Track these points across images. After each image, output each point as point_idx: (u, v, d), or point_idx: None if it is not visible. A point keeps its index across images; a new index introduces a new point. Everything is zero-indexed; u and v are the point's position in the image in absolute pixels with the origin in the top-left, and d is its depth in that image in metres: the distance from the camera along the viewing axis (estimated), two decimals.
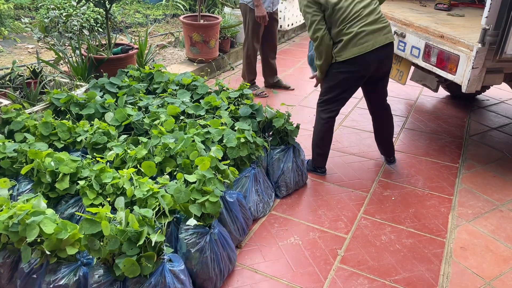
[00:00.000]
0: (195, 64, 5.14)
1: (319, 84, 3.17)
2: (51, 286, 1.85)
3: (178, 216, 2.22)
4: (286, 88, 4.96)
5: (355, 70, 2.88)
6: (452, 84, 3.49)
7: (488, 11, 2.71)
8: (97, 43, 4.17)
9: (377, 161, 3.53)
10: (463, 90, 2.94)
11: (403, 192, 3.14)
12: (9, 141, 2.58)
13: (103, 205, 2.20)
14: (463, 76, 2.94)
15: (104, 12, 4.02)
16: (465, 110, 4.61)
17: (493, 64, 2.89)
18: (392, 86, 5.12)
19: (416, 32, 3.35)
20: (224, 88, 3.50)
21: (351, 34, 2.79)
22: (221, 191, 2.24)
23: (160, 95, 3.41)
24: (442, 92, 4.95)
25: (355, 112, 4.43)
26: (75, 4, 5.14)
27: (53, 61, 4.11)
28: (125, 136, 2.82)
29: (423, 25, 3.37)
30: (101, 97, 3.28)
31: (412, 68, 3.79)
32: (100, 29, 5.64)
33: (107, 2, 3.91)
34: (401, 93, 4.99)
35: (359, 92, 3.23)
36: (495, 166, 3.53)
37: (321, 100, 3.09)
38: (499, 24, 2.72)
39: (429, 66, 3.25)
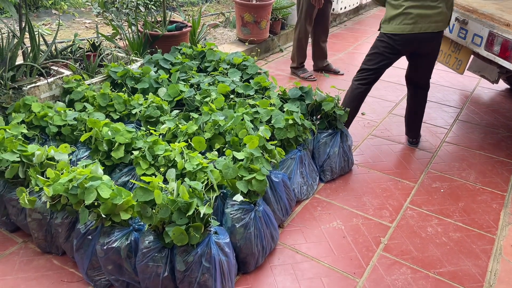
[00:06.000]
0: (246, 44, 5.15)
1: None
2: (105, 247, 1.96)
3: (225, 191, 2.27)
4: (336, 72, 4.88)
5: (392, 44, 2.97)
6: None
7: None
8: (153, 20, 4.27)
9: (427, 152, 3.42)
10: None
11: (453, 185, 3.04)
12: (69, 110, 2.72)
13: (155, 176, 2.28)
14: None
15: None
16: None
17: None
18: (448, 76, 4.95)
19: (480, 20, 3.18)
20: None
21: (397, 11, 2.88)
22: (268, 170, 2.26)
23: (211, 73, 3.46)
24: (501, 85, 4.69)
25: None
26: None
27: (110, 36, 4.26)
28: (177, 111, 2.89)
29: (488, 12, 3.19)
30: (155, 72, 3.37)
31: (471, 57, 3.61)
32: (154, 7, 5.75)
33: None
34: (457, 83, 4.78)
35: None
36: None
37: (359, 68, 3.19)
38: None
39: (491, 55, 3.09)
